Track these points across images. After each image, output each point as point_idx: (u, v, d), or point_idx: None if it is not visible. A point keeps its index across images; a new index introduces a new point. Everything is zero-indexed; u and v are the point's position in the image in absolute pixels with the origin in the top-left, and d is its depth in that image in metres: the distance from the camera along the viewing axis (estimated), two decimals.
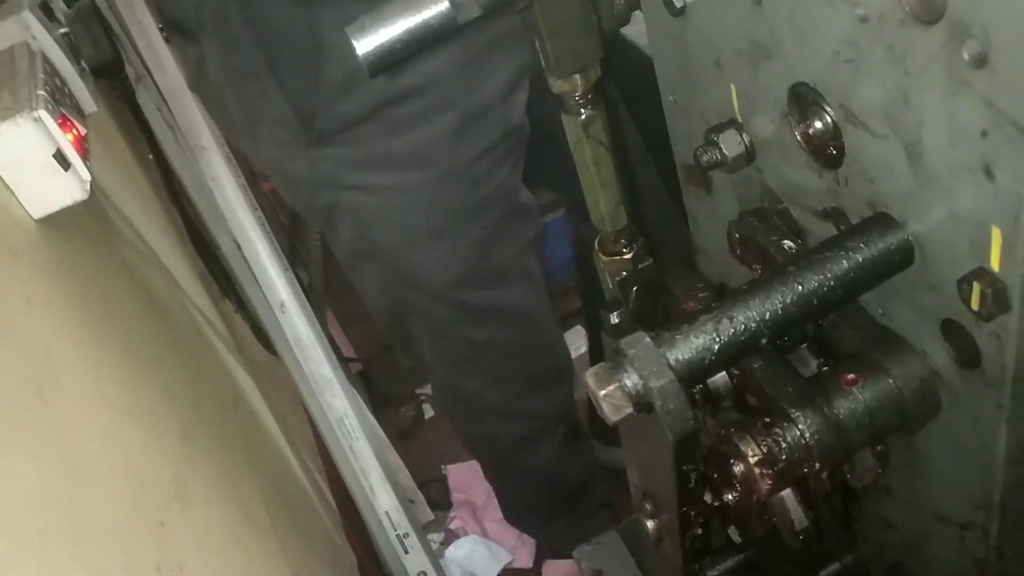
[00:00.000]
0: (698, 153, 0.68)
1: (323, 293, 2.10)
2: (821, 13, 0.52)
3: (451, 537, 2.08)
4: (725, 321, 0.54)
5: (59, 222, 1.15)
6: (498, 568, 2.01)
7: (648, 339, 0.53)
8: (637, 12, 0.79)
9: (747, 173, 0.71)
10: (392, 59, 0.49)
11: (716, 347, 0.53)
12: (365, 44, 0.49)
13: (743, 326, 0.54)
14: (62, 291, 1.11)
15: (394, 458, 2.07)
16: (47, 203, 1.12)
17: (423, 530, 1.94)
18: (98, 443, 0.99)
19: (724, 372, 0.63)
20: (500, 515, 2.10)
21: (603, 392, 0.52)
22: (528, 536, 2.05)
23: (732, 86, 0.66)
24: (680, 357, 0.53)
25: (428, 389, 2.47)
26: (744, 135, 0.67)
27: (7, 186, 1.08)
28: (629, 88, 1.07)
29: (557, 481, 1.85)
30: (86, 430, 0.97)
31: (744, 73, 0.64)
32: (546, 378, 1.73)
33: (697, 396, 0.65)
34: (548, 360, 1.72)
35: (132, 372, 1.19)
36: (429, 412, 2.42)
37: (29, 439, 0.86)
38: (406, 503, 1.91)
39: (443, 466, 2.27)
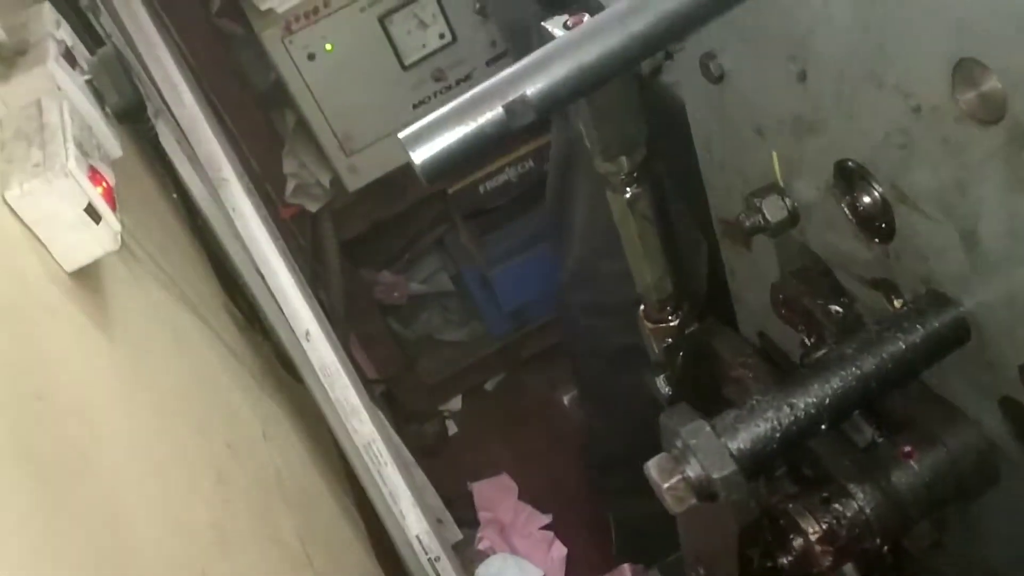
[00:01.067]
0: (741, 218, 0.68)
1: (345, 315, 2.11)
2: (870, 96, 0.52)
3: (480, 556, 2.09)
4: (785, 408, 0.54)
5: (91, 273, 1.16)
6: None
7: (709, 428, 0.53)
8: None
9: (789, 235, 0.71)
10: (448, 167, 0.49)
11: (778, 434, 0.54)
12: (421, 154, 0.49)
13: (803, 412, 0.54)
14: (96, 344, 1.12)
15: (420, 477, 2.08)
16: (80, 256, 1.12)
17: (453, 551, 1.95)
18: (138, 496, 0.99)
19: None
20: (528, 531, 2.11)
21: (667, 484, 0.53)
22: (562, 546, 2.06)
23: (774, 153, 0.66)
24: (742, 446, 0.53)
25: (451, 405, 2.48)
26: (787, 200, 0.67)
27: (40, 241, 1.09)
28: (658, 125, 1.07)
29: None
30: (127, 485, 0.98)
31: (787, 142, 0.64)
32: None
33: None
34: None
35: (166, 417, 1.20)
36: (453, 428, 2.43)
37: (74, 502, 0.86)
38: (435, 524, 1.91)
39: (468, 483, 2.27)
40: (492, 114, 0.48)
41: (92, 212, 1.11)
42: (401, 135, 0.49)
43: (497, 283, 2.28)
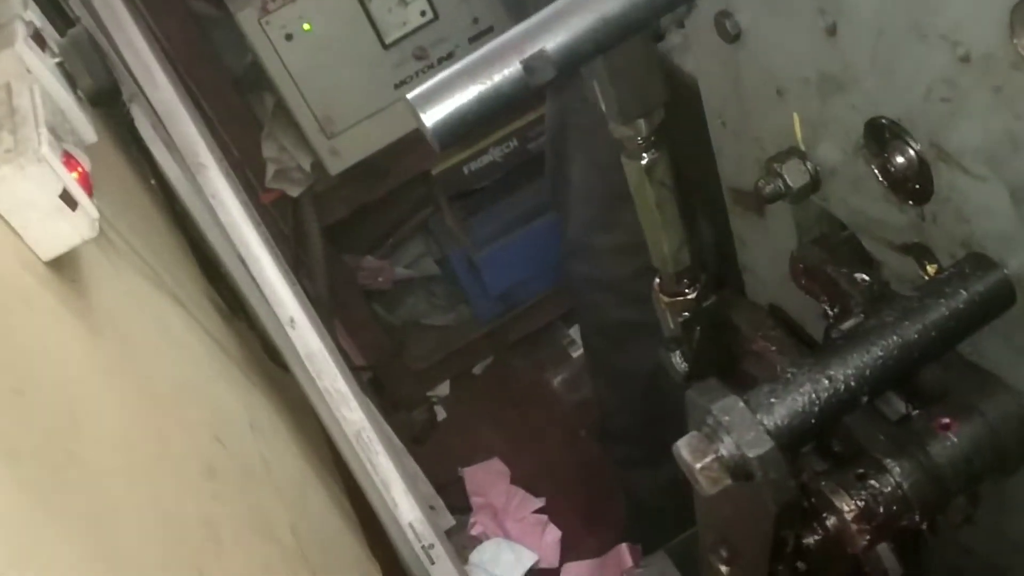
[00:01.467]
0: (760, 184, 0.65)
1: (330, 302, 2.07)
2: (912, 49, 0.49)
3: (473, 542, 2.06)
4: (824, 381, 0.51)
5: (68, 262, 1.12)
6: (523, 569, 2.00)
7: (743, 404, 0.50)
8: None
9: (808, 200, 0.68)
10: (461, 130, 0.45)
11: (816, 408, 0.50)
12: (432, 116, 0.45)
13: (843, 385, 0.51)
14: (76, 336, 1.08)
15: (411, 465, 2.05)
16: (56, 245, 1.08)
17: (446, 537, 1.92)
18: (127, 493, 0.96)
19: None
20: (521, 515, 2.09)
21: (699, 465, 0.49)
22: (556, 528, 2.04)
23: (795, 115, 0.63)
24: (779, 422, 0.50)
25: (439, 391, 2.45)
26: (808, 164, 0.64)
27: (13, 230, 1.05)
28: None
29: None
30: (114, 481, 0.95)
31: (810, 103, 0.60)
32: None
33: None
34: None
35: (154, 411, 1.16)
36: (442, 414, 2.40)
37: (60, 499, 0.83)
38: (428, 511, 1.88)
39: (459, 468, 2.25)
40: (509, 71, 0.45)
41: (68, 198, 1.07)
42: (409, 96, 0.46)
43: (483, 266, 2.25)
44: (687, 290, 0.66)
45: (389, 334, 2.37)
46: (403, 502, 1.84)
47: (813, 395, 0.51)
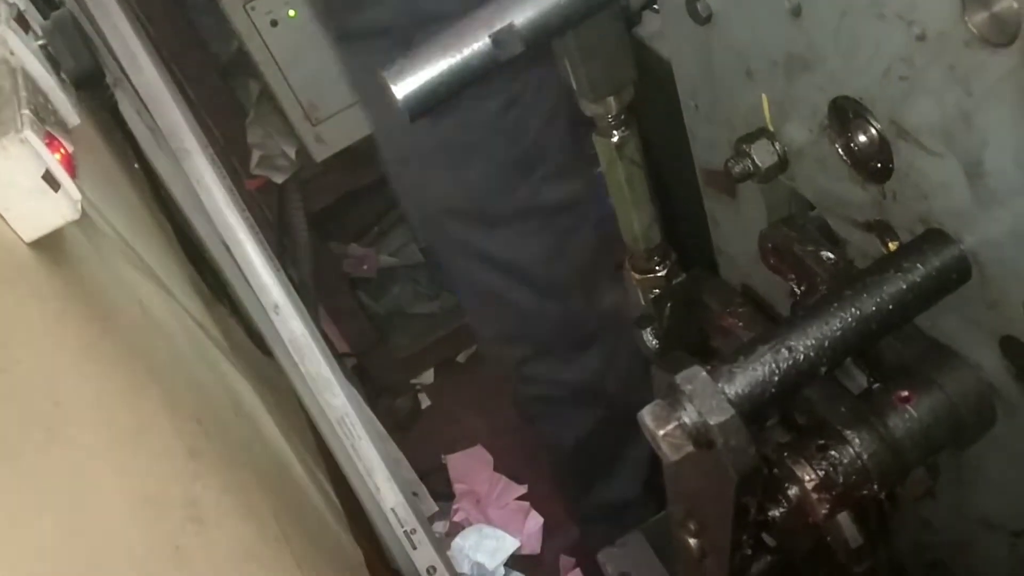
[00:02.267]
0: (729, 164, 0.66)
1: (314, 289, 2.08)
2: (871, 29, 0.50)
3: (456, 528, 2.08)
4: (783, 351, 0.52)
5: (51, 243, 1.12)
6: (506, 555, 2.01)
7: (705, 373, 0.51)
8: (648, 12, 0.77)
9: (777, 180, 0.69)
10: (432, 102, 0.46)
11: (776, 378, 0.52)
12: (403, 88, 0.46)
13: (802, 355, 0.52)
14: (60, 316, 1.08)
15: (395, 452, 2.06)
16: (38, 226, 1.09)
17: (428, 523, 1.93)
18: (108, 471, 0.97)
19: None
20: (504, 502, 2.10)
21: (662, 432, 0.51)
22: (538, 515, 2.05)
23: (763, 96, 0.64)
24: (739, 391, 0.52)
25: (423, 379, 2.46)
26: (776, 144, 0.65)
27: None
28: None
29: (586, 452, 1.79)
30: (95, 460, 0.95)
31: (777, 83, 0.62)
32: (557, 346, 1.66)
33: None
34: (558, 328, 1.64)
35: (136, 392, 1.17)
36: (426, 401, 2.41)
37: (40, 477, 0.83)
38: (410, 497, 1.89)
39: (443, 456, 2.26)
40: (478, 44, 0.46)
41: (50, 179, 1.08)
42: (383, 70, 0.47)
43: None
44: (657, 267, 0.67)
45: (373, 322, 2.38)
46: (385, 488, 1.85)
47: (773, 365, 0.52)
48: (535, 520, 2.08)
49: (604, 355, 1.65)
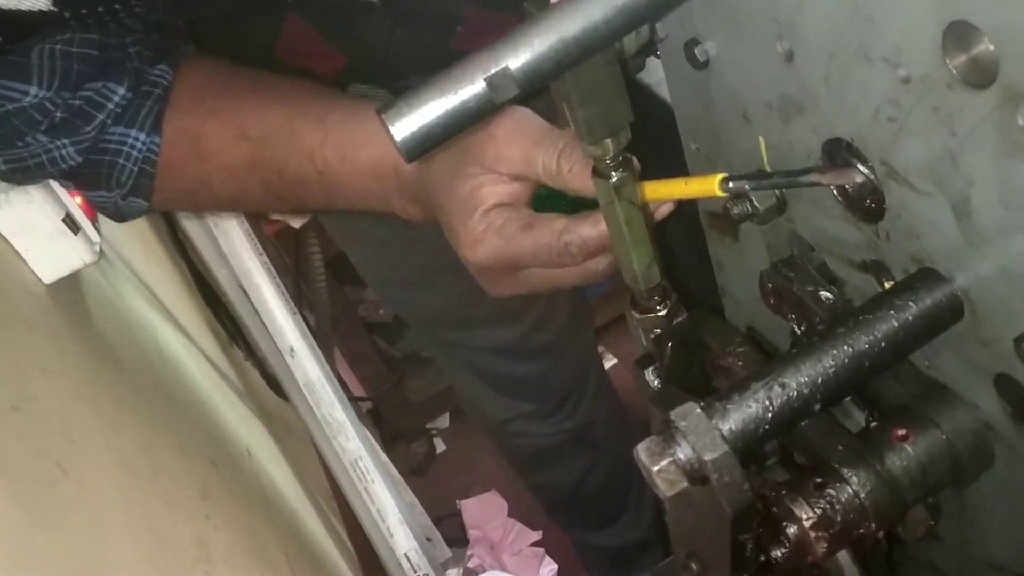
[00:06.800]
0: (728, 206, 0.68)
1: (331, 334, 2.09)
2: (859, 72, 0.51)
3: (470, 574, 2.06)
4: (777, 388, 0.53)
5: (70, 285, 1.15)
6: None
7: (699, 410, 0.52)
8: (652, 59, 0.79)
9: (777, 222, 0.70)
10: (429, 144, 0.48)
11: (769, 415, 0.52)
12: (401, 130, 0.48)
13: (795, 392, 0.53)
14: (76, 356, 1.10)
15: (409, 496, 2.06)
16: (58, 268, 1.11)
17: (442, 569, 1.92)
18: (120, 510, 0.98)
19: None
20: (518, 548, 2.09)
21: (656, 467, 0.51)
22: (552, 562, 2.04)
23: (760, 138, 0.65)
24: (733, 427, 0.52)
25: (438, 423, 2.46)
26: None
27: (17, 253, 1.08)
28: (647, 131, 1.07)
29: (585, 497, 1.84)
30: (108, 498, 0.96)
31: (774, 126, 0.63)
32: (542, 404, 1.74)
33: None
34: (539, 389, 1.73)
35: (149, 432, 1.18)
36: (441, 446, 2.41)
37: (53, 514, 0.84)
38: (424, 542, 1.89)
39: (457, 501, 2.25)
40: (475, 87, 0.48)
41: (70, 223, 1.10)
42: (379, 109, 0.48)
43: None
44: (658, 307, 0.68)
45: (389, 366, 2.39)
46: (399, 532, 1.85)
47: (767, 402, 0.53)
48: (549, 566, 2.06)
49: (589, 407, 1.75)
